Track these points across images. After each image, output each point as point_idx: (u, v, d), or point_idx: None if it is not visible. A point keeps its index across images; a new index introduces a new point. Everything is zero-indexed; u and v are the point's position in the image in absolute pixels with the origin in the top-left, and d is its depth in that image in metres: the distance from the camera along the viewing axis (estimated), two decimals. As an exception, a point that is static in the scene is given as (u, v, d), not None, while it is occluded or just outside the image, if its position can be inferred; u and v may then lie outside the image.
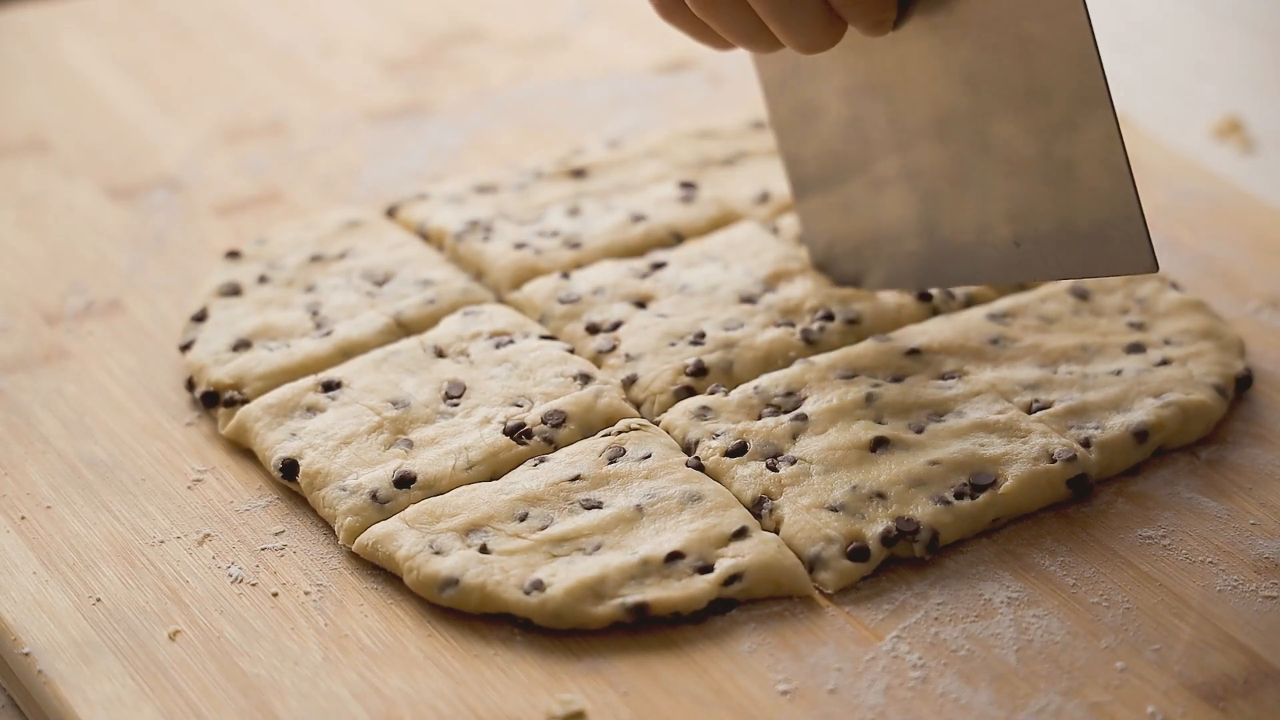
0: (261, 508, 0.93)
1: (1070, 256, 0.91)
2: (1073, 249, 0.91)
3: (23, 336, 1.04)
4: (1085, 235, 0.90)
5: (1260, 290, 1.04)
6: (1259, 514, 0.90)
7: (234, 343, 1.00)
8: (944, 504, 0.89)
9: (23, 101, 1.24)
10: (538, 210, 1.09)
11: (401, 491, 0.91)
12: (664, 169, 1.12)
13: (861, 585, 0.87)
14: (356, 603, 0.87)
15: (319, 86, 1.25)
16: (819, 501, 0.89)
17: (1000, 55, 0.90)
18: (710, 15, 0.90)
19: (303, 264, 1.05)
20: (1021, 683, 0.83)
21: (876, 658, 0.84)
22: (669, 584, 0.86)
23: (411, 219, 1.09)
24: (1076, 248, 0.91)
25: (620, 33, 1.30)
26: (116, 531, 0.91)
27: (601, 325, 0.99)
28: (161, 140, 1.20)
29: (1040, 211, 0.91)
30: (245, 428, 0.95)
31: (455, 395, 0.95)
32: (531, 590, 0.86)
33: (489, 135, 1.20)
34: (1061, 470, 0.90)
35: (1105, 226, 0.89)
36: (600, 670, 0.84)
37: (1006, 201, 0.92)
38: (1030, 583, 0.87)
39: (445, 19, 1.31)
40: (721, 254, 1.04)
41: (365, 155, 1.18)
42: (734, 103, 1.21)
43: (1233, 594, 0.86)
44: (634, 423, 0.94)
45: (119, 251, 1.10)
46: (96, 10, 1.33)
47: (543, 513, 0.89)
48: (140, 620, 0.87)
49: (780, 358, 0.97)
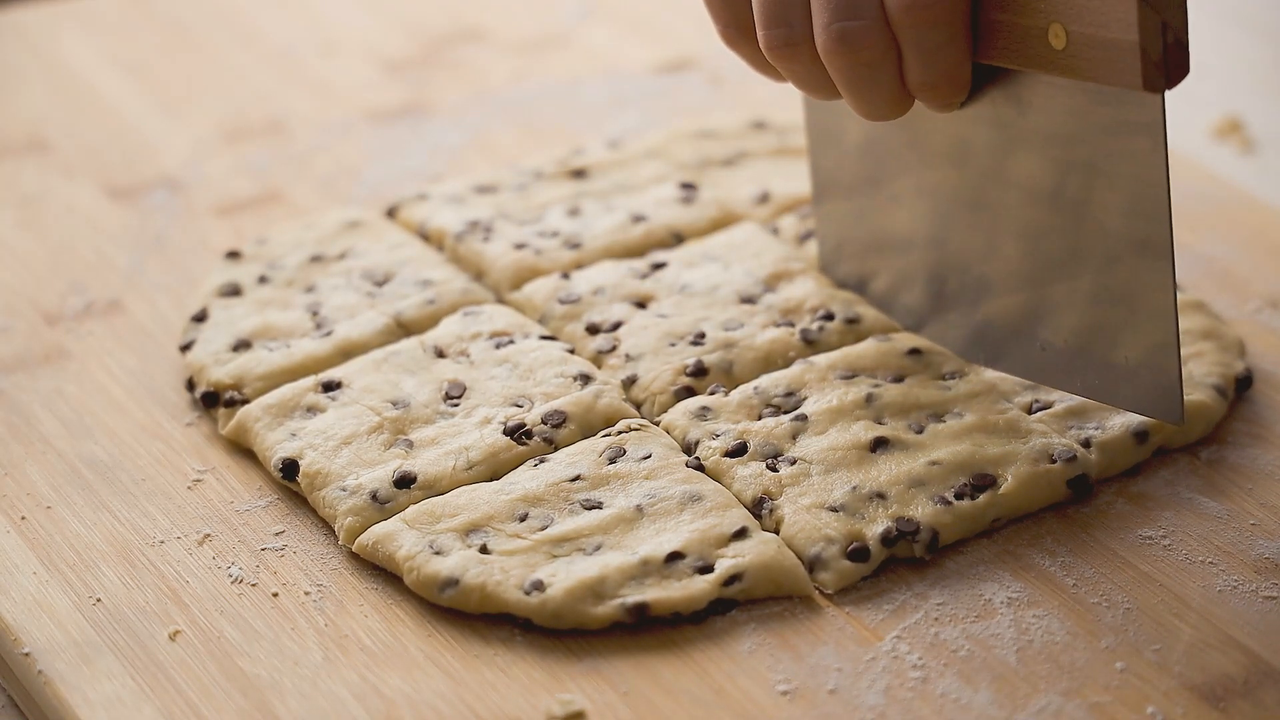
0: (261, 508, 0.93)
1: (1091, 375, 0.92)
2: (1097, 370, 0.91)
3: (23, 336, 1.04)
4: (1114, 364, 0.91)
5: (1260, 290, 1.04)
6: (1259, 514, 0.90)
7: (234, 343, 1.00)
8: (944, 504, 0.89)
9: (23, 101, 1.24)
10: (538, 210, 1.09)
11: (402, 492, 0.91)
12: (664, 169, 1.12)
13: (861, 585, 0.87)
14: (356, 603, 0.87)
15: (319, 86, 1.25)
16: (819, 502, 0.89)
17: (1064, 172, 0.90)
18: (783, 64, 0.90)
19: (303, 264, 1.05)
20: (1021, 683, 0.83)
21: (876, 658, 0.84)
22: (669, 584, 0.86)
23: (412, 219, 1.09)
24: (1102, 371, 0.91)
25: (620, 33, 1.30)
26: (116, 531, 0.91)
27: (601, 325, 0.99)
28: (161, 140, 1.20)
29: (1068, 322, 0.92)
30: (245, 428, 0.95)
31: (455, 395, 0.95)
32: (531, 590, 0.86)
33: (489, 135, 1.20)
34: (1062, 471, 0.90)
35: (1138, 366, 0.90)
36: (600, 670, 0.84)
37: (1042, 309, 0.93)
38: (1030, 583, 0.87)
39: (445, 19, 1.31)
40: (721, 254, 1.04)
41: (365, 155, 1.18)
42: (734, 103, 1.21)
43: (1233, 594, 0.86)
44: (634, 423, 0.94)
45: (119, 251, 1.10)
46: (96, 10, 1.33)
47: (543, 513, 0.89)
48: (140, 620, 0.87)
49: (780, 358, 0.97)
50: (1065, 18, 0.85)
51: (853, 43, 0.87)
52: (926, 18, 0.86)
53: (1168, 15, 0.82)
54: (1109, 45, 0.84)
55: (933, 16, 0.86)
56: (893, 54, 0.88)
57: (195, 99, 1.24)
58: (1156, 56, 0.83)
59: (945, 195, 0.95)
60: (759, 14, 0.89)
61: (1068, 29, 0.85)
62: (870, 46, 0.87)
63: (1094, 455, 0.91)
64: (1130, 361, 0.90)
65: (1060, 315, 0.92)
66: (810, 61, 0.89)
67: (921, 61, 0.88)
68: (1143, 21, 0.82)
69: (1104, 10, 0.83)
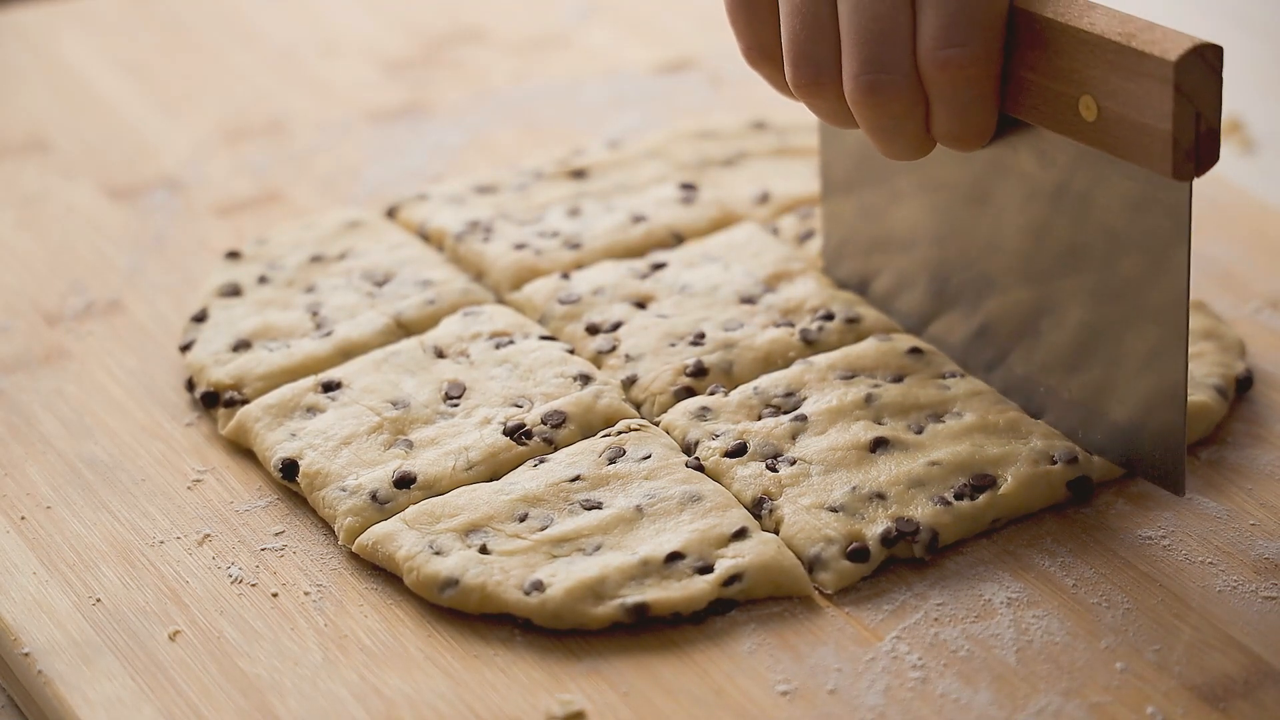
0: (261, 508, 0.93)
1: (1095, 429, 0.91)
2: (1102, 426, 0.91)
3: (23, 336, 1.04)
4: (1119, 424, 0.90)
5: (1260, 290, 1.04)
6: (1259, 514, 0.90)
7: (234, 343, 1.00)
8: (944, 505, 0.89)
9: (23, 101, 1.24)
10: (538, 211, 1.09)
11: (401, 492, 0.91)
12: (664, 170, 1.12)
13: (861, 586, 0.87)
14: (356, 603, 0.88)
15: (319, 86, 1.25)
16: (819, 502, 0.89)
17: (1081, 231, 0.89)
18: (807, 101, 0.89)
19: (303, 264, 1.05)
20: (1021, 683, 0.83)
21: (876, 658, 0.84)
22: (669, 584, 0.86)
23: (412, 219, 1.09)
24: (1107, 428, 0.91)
25: (620, 33, 1.30)
26: (116, 532, 0.92)
27: (601, 326, 0.99)
28: (161, 140, 1.20)
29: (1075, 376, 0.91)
30: (245, 428, 0.95)
31: (455, 396, 0.95)
32: (531, 590, 0.86)
33: (489, 135, 1.20)
34: (1062, 472, 0.90)
35: (1143, 429, 0.89)
36: (600, 671, 0.84)
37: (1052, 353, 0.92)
38: (1030, 583, 0.87)
39: (445, 19, 1.32)
40: (721, 255, 1.04)
41: (365, 155, 1.18)
42: (734, 103, 1.21)
43: (1232, 594, 0.86)
44: (634, 423, 0.94)
45: (119, 251, 1.10)
46: (96, 10, 1.33)
47: (543, 513, 0.89)
48: (140, 620, 0.87)
49: (780, 358, 0.97)
50: (1098, 92, 0.83)
51: (882, 95, 0.86)
52: (960, 76, 0.86)
53: (1202, 105, 0.81)
54: (1141, 129, 0.82)
55: (966, 75, 0.86)
56: (921, 105, 0.87)
57: (195, 99, 1.24)
58: (1188, 146, 0.81)
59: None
60: (787, 49, 0.88)
61: (1100, 103, 0.83)
62: (899, 100, 0.86)
63: (1095, 457, 0.91)
64: (1135, 425, 0.90)
65: (1069, 367, 0.92)
66: (836, 99, 0.88)
67: (950, 115, 0.87)
68: (1177, 112, 0.81)
69: (1139, 94, 0.82)
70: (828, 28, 0.87)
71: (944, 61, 0.85)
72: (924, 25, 0.85)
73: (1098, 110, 0.84)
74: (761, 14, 0.90)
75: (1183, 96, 0.80)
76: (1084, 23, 0.83)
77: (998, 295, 0.94)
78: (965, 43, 0.85)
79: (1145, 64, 0.81)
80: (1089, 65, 0.83)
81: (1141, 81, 0.81)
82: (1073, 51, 0.84)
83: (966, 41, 0.85)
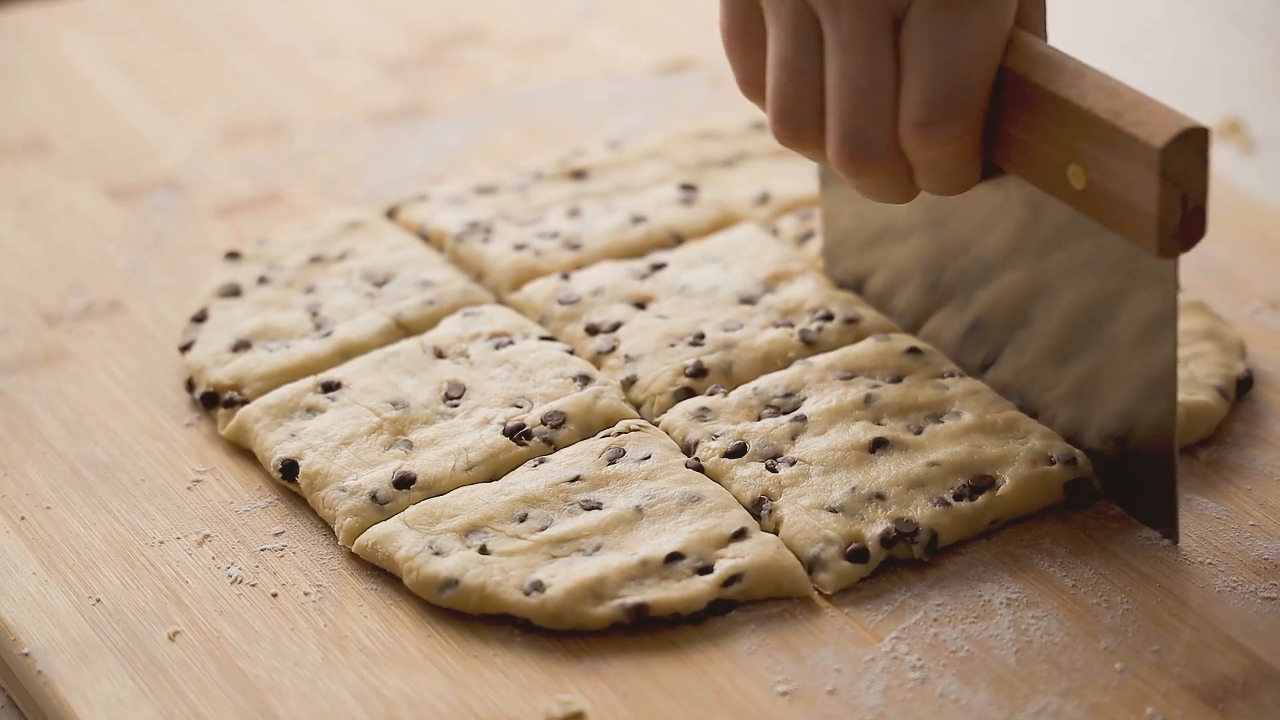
0: (261, 508, 0.93)
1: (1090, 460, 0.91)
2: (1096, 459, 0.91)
3: (23, 337, 1.04)
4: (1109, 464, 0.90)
5: (1260, 291, 1.04)
6: (1259, 515, 0.90)
7: (234, 343, 1.00)
8: (943, 505, 0.89)
9: (23, 101, 1.24)
10: (538, 211, 1.09)
11: (401, 492, 0.91)
12: (664, 170, 1.12)
13: (861, 586, 0.87)
14: (356, 603, 0.88)
15: (319, 87, 1.25)
16: (818, 502, 0.89)
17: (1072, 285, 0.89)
18: (791, 147, 0.89)
19: (303, 265, 1.05)
20: (1021, 684, 0.83)
21: (876, 659, 0.84)
22: (668, 585, 0.86)
23: (412, 220, 1.09)
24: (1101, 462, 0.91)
25: (620, 33, 1.30)
26: (116, 532, 0.92)
27: (601, 326, 0.99)
28: (161, 141, 1.20)
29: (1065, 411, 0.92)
30: (245, 428, 0.95)
31: (455, 396, 0.95)
32: (531, 591, 0.86)
33: (489, 136, 1.20)
34: (1060, 472, 0.90)
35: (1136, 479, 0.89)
36: (600, 671, 0.84)
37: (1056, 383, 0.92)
38: (1029, 584, 0.87)
39: (445, 19, 1.31)
40: (721, 255, 1.04)
41: (365, 156, 1.18)
42: (734, 104, 1.21)
43: (1232, 595, 0.86)
44: (633, 424, 0.94)
45: (119, 252, 1.10)
46: (96, 10, 1.33)
47: (542, 513, 0.89)
48: (140, 621, 0.87)
49: (779, 358, 0.97)
50: (1086, 164, 0.83)
51: (864, 165, 0.86)
52: (941, 152, 0.85)
53: (1189, 187, 0.80)
54: (1128, 206, 0.82)
55: (947, 150, 0.85)
56: (903, 169, 0.87)
57: (195, 99, 1.24)
58: (1174, 228, 0.81)
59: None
60: (771, 101, 0.87)
61: (1088, 175, 0.83)
62: (881, 169, 0.86)
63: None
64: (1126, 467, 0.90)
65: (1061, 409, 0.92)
66: (818, 151, 0.88)
67: (932, 179, 0.87)
68: (1163, 195, 0.80)
69: (1125, 173, 0.81)
70: (812, 84, 0.86)
71: (925, 138, 0.85)
72: (907, 97, 0.84)
73: (1086, 180, 0.83)
74: (755, 48, 0.89)
75: (1168, 181, 0.80)
76: (1073, 93, 0.82)
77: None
78: (946, 119, 0.84)
79: (1131, 146, 0.80)
80: (1078, 137, 0.83)
81: (1128, 162, 0.81)
82: (1062, 120, 0.83)
83: (948, 118, 0.84)
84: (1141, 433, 0.88)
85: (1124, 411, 0.88)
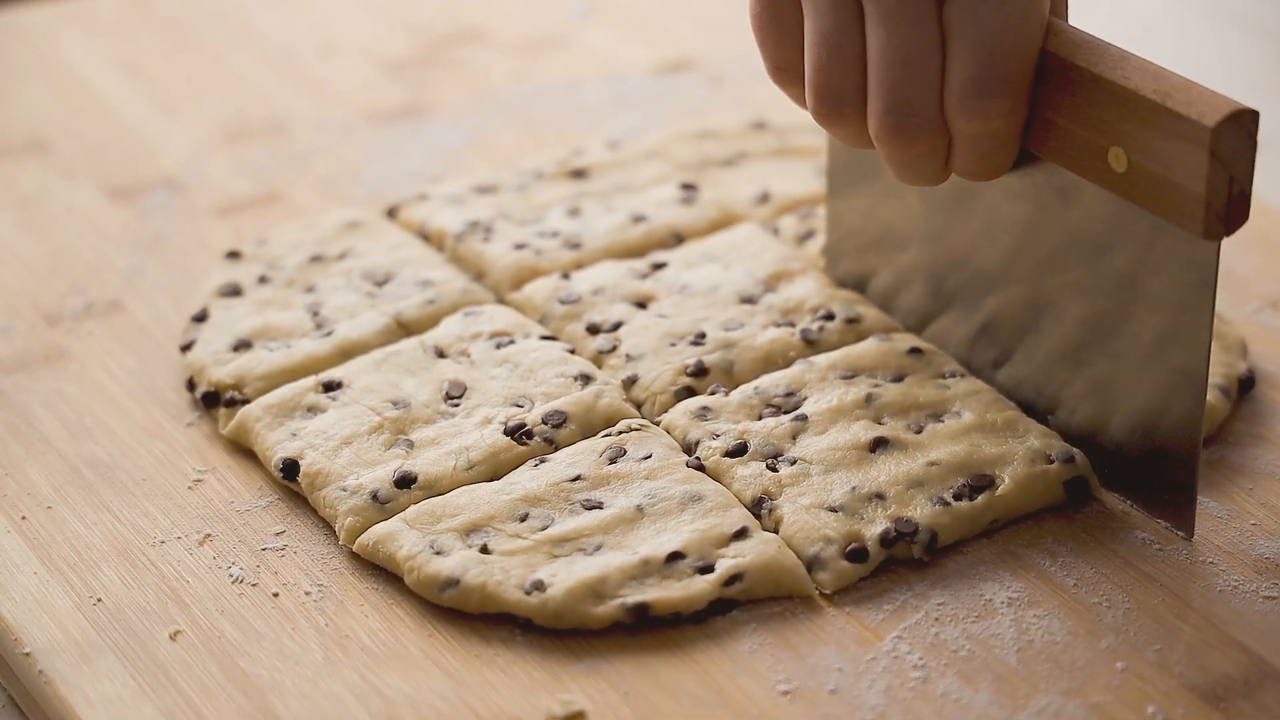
0: (262, 508, 0.93)
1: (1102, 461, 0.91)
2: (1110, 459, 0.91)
3: (23, 337, 1.04)
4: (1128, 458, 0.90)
5: (1261, 290, 1.04)
6: (1259, 514, 0.90)
7: (234, 343, 1.00)
8: (942, 505, 0.89)
9: (23, 101, 1.24)
10: (538, 211, 1.09)
11: (402, 492, 0.91)
12: (664, 170, 1.12)
13: (862, 585, 0.87)
14: (357, 603, 0.88)
15: (319, 87, 1.25)
16: (818, 502, 0.89)
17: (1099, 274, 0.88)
18: (828, 126, 0.88)
19: (303, 264, 1.05)
20: (1022, 683, 0.83)
21: (877, 658, 0.84)
22: (669, 584, 0.86)
23: (412, 219, 1.09)
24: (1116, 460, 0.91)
25: (620, 33, 1.30)
26: (117, 531, 0.91)
27: (602, 326, 0.99)
28: (161, 140, 1.20)
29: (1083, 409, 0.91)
30: (246, 428, 0.95)
31: (456, 395, 0.95)
32: (532, 590, 0.86)
33: (489, 136, 1.20)
34: (1058, 471, 0.90)
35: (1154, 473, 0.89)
36: (601, 670, 0.84)
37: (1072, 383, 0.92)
38: (1031, 583, 0.87)
39: (445, 19, 1.31)
40: (722, 255, 1.04)
41: (365, 156, 1.18)
42: (734, 104, 1.21)
43: (1233, 594, 0.86)
44: (634, 423, 0.94)
45: (119, 252, 1.10)
46: (96, 10, 1.33)
47: (543, 513, 0.89)
48: (141, 620, 0.87)
49: (780, 358, 0.97)
50: (1129, 146, 0.82)
51: (907, 136, 0.86)
52: (987, 126, 0.85)
53: (1236, 169, 0.80)
54: (1172, 187, 0.81)
55: (992, 125, 0.85)
56: (944, 145, 0.86)
57: (195, 99, 1.24)
58: (1220, 209, 0.81)
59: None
60: (810, 78, 0.87)
61: (1130, 157, 0.83)
62: (924, 141, 0.86)
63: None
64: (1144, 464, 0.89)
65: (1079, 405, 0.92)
66: (857, 129, 0.88)
67: (971, 157, 0.87)
68: (1211, 176, 0.80)
69: (1172, 154, 0.81)
70: (853, 60, 0.86)
71: (973, 111, 0.85)
72: (954, 72, 0.84)
73: (1128, 163, 0.83)
74: (788, 33, 0.88)
75: (1217, 161, 0.80)
76: (1118, 75, 0.82)
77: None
78: (995, 94, 0.84)
79: (1181, 126, 0.80)
80: (1121, 119, 0.82)
81: (1176, 142, 0.80)
82: (1105, 103, 0.83)
83: (997, 93, 0.84)
84: (1167, 427, 0.88)
85: (1149, 406, 0.88)
